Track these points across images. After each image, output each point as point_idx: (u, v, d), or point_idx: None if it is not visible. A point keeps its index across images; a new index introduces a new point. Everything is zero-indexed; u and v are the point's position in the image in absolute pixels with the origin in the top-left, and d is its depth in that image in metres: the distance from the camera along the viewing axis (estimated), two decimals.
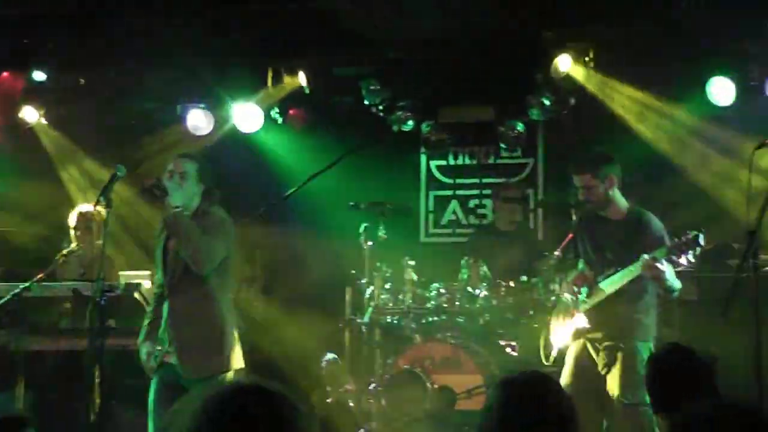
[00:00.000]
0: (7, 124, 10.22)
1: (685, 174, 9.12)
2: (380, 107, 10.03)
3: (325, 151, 9.61)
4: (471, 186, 10.75)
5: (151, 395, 6.12)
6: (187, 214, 6.07)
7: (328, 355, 8.75)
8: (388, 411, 8.21)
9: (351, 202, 8.90)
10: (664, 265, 6.25)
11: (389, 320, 8.64)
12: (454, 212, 10.83)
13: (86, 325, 6.73)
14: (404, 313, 8.59)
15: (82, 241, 8.52)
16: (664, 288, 6.43)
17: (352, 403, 8.50)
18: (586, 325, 6.69)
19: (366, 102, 9.95)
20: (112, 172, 6.26)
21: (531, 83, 9.61)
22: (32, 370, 7.72)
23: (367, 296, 8.55)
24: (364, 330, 8.62)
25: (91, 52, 9.58)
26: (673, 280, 6.41)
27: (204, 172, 6.15)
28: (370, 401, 8.33)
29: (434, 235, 10.87)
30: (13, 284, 7.66)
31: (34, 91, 10.10)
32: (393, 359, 8.48)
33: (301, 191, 9.20)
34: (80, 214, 8.58)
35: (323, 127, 10.27)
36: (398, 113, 10.10)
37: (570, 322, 6.83)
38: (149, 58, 9.54)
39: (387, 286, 8.59)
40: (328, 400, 8.56)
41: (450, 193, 10.85)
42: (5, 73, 10.09)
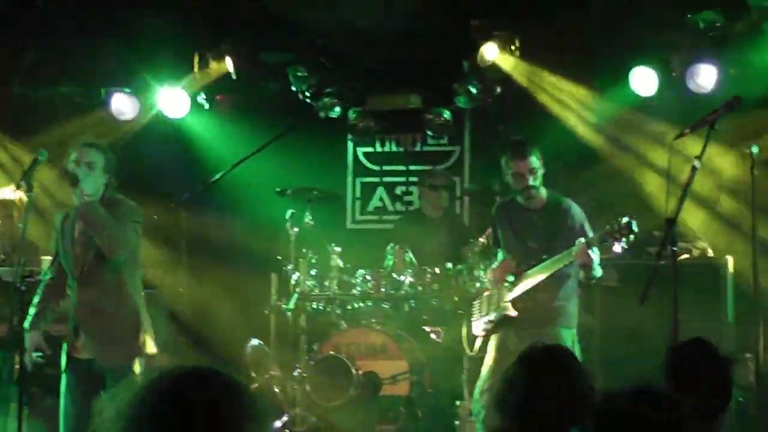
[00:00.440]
0: None
1: (608, 163, 9.24)
2: (307, 94, 10.01)
3: (252, 137, 9.58)
4: (398, 173, 10.78)
5: (63, 393, 6.07)
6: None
7: (253, 341, 8.73)
8: (312, 397, 8.23)
9: (277, 188, 8.88)
10: (595, 253, 6.34)
11: (315, 306, 8.65)
12: (380, 199, 10.84)
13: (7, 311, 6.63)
14: (330, 300, 8.61)
15: (4, 227, 8.40)
16: (589, 276, 6.52)
17: (276, 389, 8.50)
18: (511, 313, 6.74)
19: (293, 88, 9.92)
20: (34, 157, 6.19)
21: (458, 71, 9.66)
22: None
23: (292, 282, 8.56)
24: (290, 316, 8.62)
25: (14, 34, 9.44)
26: (598, 267, 6.51)
27: (109, 163, 6.11)
28: (295, 387, 8.34)
29: (361, 222, 10.89)
30: None
31: None
32: (318, 345, 8.50)
33: (228, 177, 9.18)
34: (0, 200, 8.46)
35: (250, 113, 10.22)
36: (325, 100, 10.09)
37: (494, 311, 6.88)
38: (73, 40, 9.42)
39: (313, 273, 8.59)
40: (253, 386, 8.54)
41: (377, 179, 10.86)
42: None
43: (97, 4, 9.30)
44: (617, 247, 6.23)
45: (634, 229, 6.07)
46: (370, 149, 10.85)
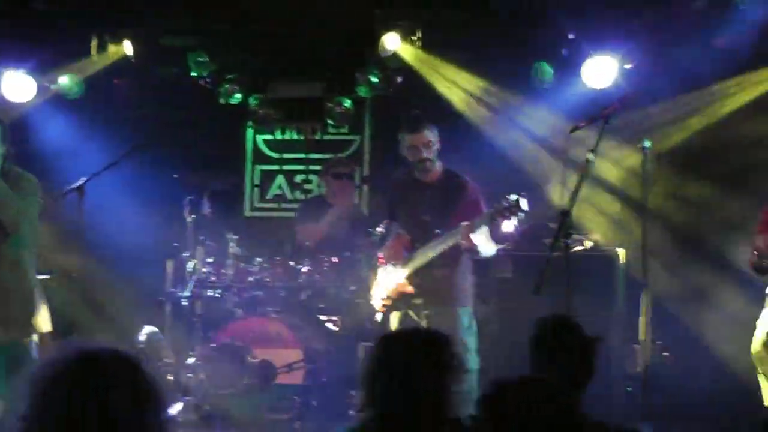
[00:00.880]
0: None
1: (507, 155, 9.33)
2: (207, 79, 9.92)
3: (150, 122, 9.45)
4: (298, 161, 10.76)
5: None
6: None
7: (148, 329, 8.64)
8: (207, 385, 8.17)
9: (175, 174, 8.79)
10: (482, 233, 6.38)
11: (211, 294, 8.59)
12: (280, 187, 10.80)
13: None
14: (226, 287, 8.56)
15: None
16: (475, 257, 6.59)
17: (170, 377, 8.42)
18: (407, 291, 6.76)
19: (193, 74, 9.82)
20: None
21: (359, 61, 9.67)
22: None
23: (189, 270, 8.48)
24: (185, 304, 8.55)
25: None
26: (486, 249, 6.55)
27: (5, 133, 5.95)
28: (189, 375, 8.28)
29: (259, 210, 10.83)
30: None
31: None
32: (213, 333, 8.44)
33: (125, 162, 9.02)
34: None
35: (148, 98, 10.08)
36: (226, 86, 10.01)
37: (392, 290, 6.90)
38: None
39: (209, 260, 8.53)
40: None
41: (276, 167, 10.82)
42: None
43: None
44: (508, 226, 6.28)
45: (523, 206, 6.11)
46: (270, 137, 10.79)
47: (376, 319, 7.18)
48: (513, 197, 6.15)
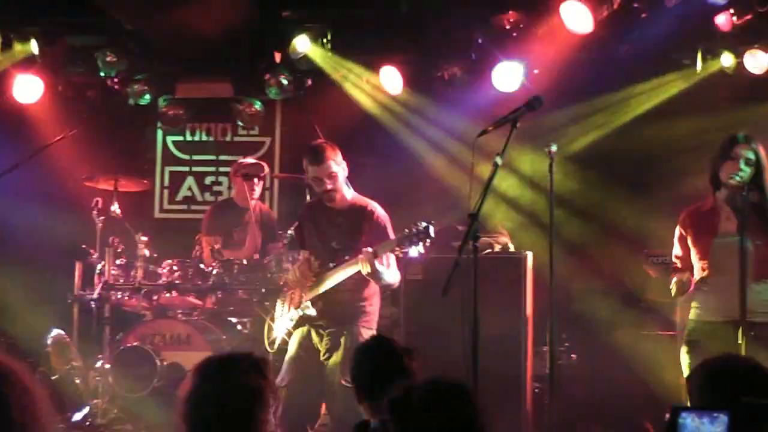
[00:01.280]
0: None
1: (416, 158, 9.41)
2: (116, 79, 9.81)
3: (59, 123, 9.32)
4: (207, 163, 10.70)
5: None
6: None
7: (55, 331, 8.53)
8: (115, 388, 8.11)
9: (84, 176, 8.69)
10: (383, 264, 6.44)
11: (120, 296, 8.52)
12: (189, 188, 10.74)
13: None
14: (135, 290, 8.50)
15: None
16: (378, 283, 6.62)
17: (78, 380, 8.34)
18: (310, 313, 6.77)
19: (101, 74, 9.69)
20: None
21: (270, 62, 9.65)
22: None
23: (97, 272, 8.40)
24: (93, 306, 8.46)
25: None
26: (389, 276, 6.61)
27: None
28: (97, 378, 8.20)
29: (169, 211, 10.75)
30: None
31: None
32: (122, 336, 8.37)
33: (35, 163, 8.89)
34: None
35: (56, 98, 9.93)
36: (135, 86, 9.90)
37: (295, 310, 6.89)
38: None
39: (119, 262, 8.46)
40: (54, 377, 8.34)
41: (186, 169, 10.75)
42: None
43: None
44: (414, 252, 6.35)
45: (431, 234, 6.20)
46: (180, 138, 10.72)
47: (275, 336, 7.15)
48: (422, 224, 6.21)
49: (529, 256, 7.89)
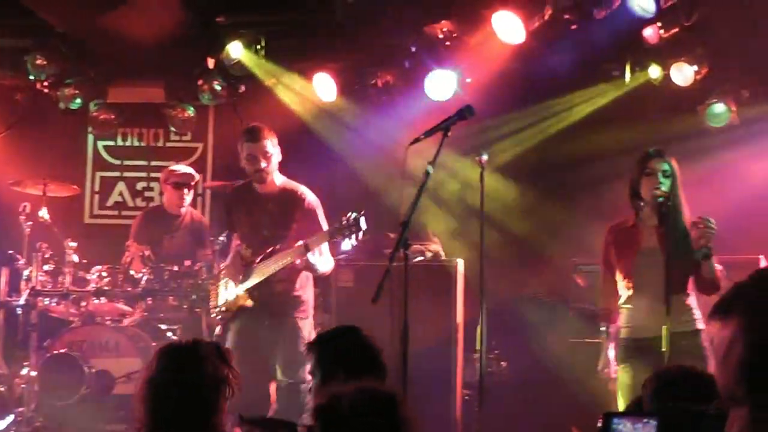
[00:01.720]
0: None
1: (349, 165, 9.41)
2: (46, 83, 9.69)
3: None
4: (139, 168, 10.62)
5: None
6: None
7: None
8: (41, 396, 8.00)
9: (12, 180, 8.59)
10: (315, 256, 6.46)
11: (47, 302, 8.41)
12: (120, 194, 10.65)
13: None
14: (63, 296, 8.39)
15: None
16: (314, 274, 6.66)
17: (2, 388, 8.22)
18: (247, 304, 6.77)
19: (31, 77, 9.56)
20: None
21: (203, 67, 9.59)
22: None
23: (24, 277, 8.28)
24: (20, 312, 8.34)
25: None
26: (323, 266, 6.64)
27: None
28: (23, 386, 8.09)
29: (99, 217, 10.65)
30: None
31: None
32: (49, 342, 8.26)
33: None
34: None
35: None
36: (65, 90, 9.78)
37: (231, 303, 6.89)
38: None
39: (46, 268, 8.35)
40: None
41: (117, 174, 10.66)
42: None
43: None
44: (346, 244, 6.38)
45: (362, 225, 6.24)
46: (111, 143, 10.62)
47: (216, 331, 7.16)
48: (353, 216, 6.24)
49: (460, 263, 7.93)
